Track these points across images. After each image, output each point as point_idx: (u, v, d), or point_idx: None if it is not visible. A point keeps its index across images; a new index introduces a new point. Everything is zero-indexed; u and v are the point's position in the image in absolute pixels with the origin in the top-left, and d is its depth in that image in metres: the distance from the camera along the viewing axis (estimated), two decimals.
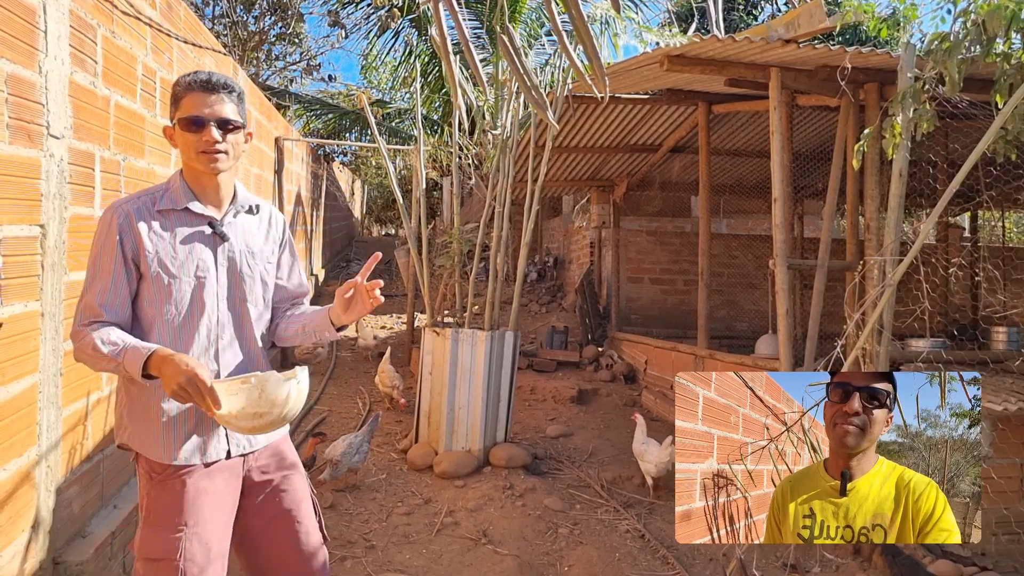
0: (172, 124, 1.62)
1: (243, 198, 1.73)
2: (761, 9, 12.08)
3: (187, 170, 1.66)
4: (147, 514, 1.58)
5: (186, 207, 1.62)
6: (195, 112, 1.57)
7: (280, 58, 10.79)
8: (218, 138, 1.58)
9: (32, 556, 2.06)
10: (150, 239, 1.57)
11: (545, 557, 3.16)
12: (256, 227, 1.75)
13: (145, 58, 2.83)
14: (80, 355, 1.54)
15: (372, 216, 20.66)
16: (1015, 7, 2.32)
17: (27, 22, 1.97)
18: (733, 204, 8.17)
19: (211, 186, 1.65)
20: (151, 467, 1.59)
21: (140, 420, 1.60)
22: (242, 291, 1.69)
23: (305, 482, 1.81)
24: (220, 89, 1.59)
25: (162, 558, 1.52)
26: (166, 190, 1.65)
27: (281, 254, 1.81)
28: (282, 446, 1.79)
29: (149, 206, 1.61)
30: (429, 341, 4.31)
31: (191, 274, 1.60)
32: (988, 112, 2.77)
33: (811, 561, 3.10)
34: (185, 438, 1.59)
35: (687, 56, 3.86)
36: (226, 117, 1.59)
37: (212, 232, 1.65)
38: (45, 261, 2.08)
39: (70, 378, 2.29)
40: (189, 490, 1.57)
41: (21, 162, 1.95)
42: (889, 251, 2.99)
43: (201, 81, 1.59)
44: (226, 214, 1.69)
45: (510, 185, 4.33)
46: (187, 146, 1.59)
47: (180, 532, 1.53)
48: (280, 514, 1.71)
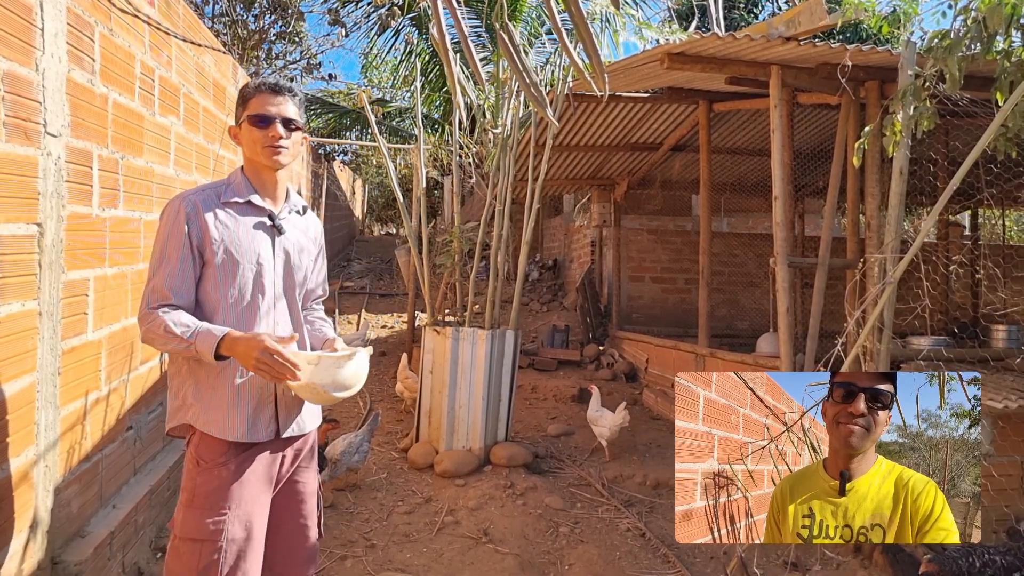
0: (238, 123, 1.78)
1: (295, 200, 1.90)
2: (762, 7, 12.05)
3: (249, 165, 1.81)
4: (192, 497, 1.67)
5: (248, 200, 1.77)
6: (263, 111, 1.73)
7: (280, 57, 10.77)
8: (283, 134, 1.74)
9: (30, 556, 2.05)
10: (216, 227, 1.70)
11: (546, 556, 3.15)
12: (303, 227, 1.91)
13: (143, 56, 2.82)
14: (149, 335, 1.64)
15: (373, 215, 20.65)
16: (1015, 2, 2.31)
17: (24, 19, 1.96)
18: (734, 202, 8.16)
19: (270, 181, 1.81)
20: (200, 454, 1.69)
21: (207, 399, 1.70)
22: (293, 281, 1.84)
23: (316, 477, 1.94)
24: (285, 92, 1.78)
25: (205, 539, 1.62)
26: (228, 184, 1.78)
27: (317, 256, 1.96)
28: (312, 437, 1.91)
29: (214, 198, 1.74)
30: (430, 340, 4.31)
31: (253, 260, 1.74)
32: (989, 110, 2.76)
33: (812, 559, 3.10)
34: (248, 416, 1.71)
35: (687, 54, 3.85)
36: (290, 117, 1.76)
37: (271, 224, 1.79)
38: (43, 260, 2.08)
39: (68, 377, 2.28)
40: (234, 475, 1.68)
41: (18, 160, 1.94)
42: (890, 249, 2.98)
43: (269, 84, 1.78)
44: (282, 210, 1.84)
45: (511, 184, 4.32)
46: (253, 142, 1.75)
47: (224, 514, 1.64)
48: (289, 504, 1.84)
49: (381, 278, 11.24)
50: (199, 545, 1.62)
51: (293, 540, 1.84)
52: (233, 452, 1.69)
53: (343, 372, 1.66)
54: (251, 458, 1.71)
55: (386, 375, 6.32)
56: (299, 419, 1.82)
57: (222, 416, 1.68)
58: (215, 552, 1.61)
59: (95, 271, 2.45)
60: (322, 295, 2.04)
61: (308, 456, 1.89)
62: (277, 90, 1.76)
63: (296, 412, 1.81)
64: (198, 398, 1.70)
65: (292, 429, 1.79)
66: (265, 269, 1.76)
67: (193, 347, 1.59)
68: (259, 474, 1.72)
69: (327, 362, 1.64)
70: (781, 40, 3.41)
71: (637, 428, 5.16)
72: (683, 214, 8.72)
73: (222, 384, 1.69)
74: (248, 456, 1.71)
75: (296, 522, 1.85)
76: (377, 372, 6.41)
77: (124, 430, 2.77)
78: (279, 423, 1.76)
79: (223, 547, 1.62)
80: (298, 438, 1.84)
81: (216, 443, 1.69)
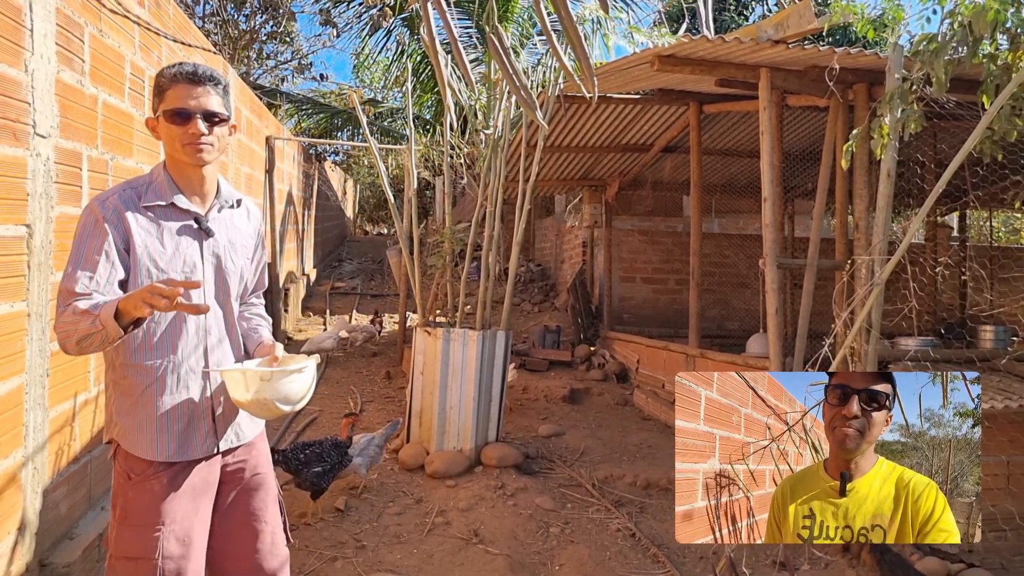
0: (156, 116, 1.60)
1: (227, 193, 1.73)
2: (752, 9, 12.12)
3: (171, 162, 1.64)
4: (124, 514, 1.58)
5: (172, 202, 1.60)
6: (181, 104, 1.55)
7: (271, 57, 10.74)
8: (204, 130, 1.56)
9: (18, 558, 2.04)
10: (138, 234, 1.55)
11: (536, 556, 3.16)
12: (237, 223, 1.75)
13: (133, 57, 2.81)
14: (61, 333, 1.46)
15: (364, 215, 20.61)
16: (999, 7, 2.34)
17: (13, 20, 1.95)
18: (724, 204, 8.21)
19: (196, 178, 1.64)
20: (130, 467, 1.60)
21: (130, 416, 1.59)
22: (227, 286, 1.70)
23: (275, 483, 1.83)
24: (206, 81, 1.58)
25: (140, 556, 1.54)
26: (149, 183, 1.62)
27: (255, 250, 1.82)
28: (259, 443, 1.80)
29: (135, 199, 1.58)
30: (421, 341, 4.31)
31: (179, 270, 1.59)
32: (975, 113, 2.79)
33: (800, 559, 3.12)
34: (177, 436, 1.60)
35: (677, 56, 3.87)
36: (212, 110, 1.58)
37: (198, 228, 1.64)
38: (32, 261, 2.07)
39: (57, 379, 2.27)
40: (167, 488, 1.58)
41: (7, 161, 1.93)
42: (877, 251, 3.01)
43: (187, 73, 1.57)
44: (210, 209, 1.68)
45: (502, 185, 4.33)
46: (172, 138, 1.57)
47: (158, 531, 1.55)
48: (247, 516, 1.74)
49: (372, 278, 11.22)
50: (134, 563, 1.54)
51: (263, 554, 1.75)
52: (164, 466, 1.59)
53: (294, 386, 1.61)
54: (185, 471, 1.62)
55: (377, 376, 6.31)
56: (237, 429, 1.72)
57: (148, 437, 1.58)
58: (151, 571, 1.53)
59: None
60: (260, 289, 1.91)
61: (263, 461, 1.79)
62: (196, 79, 1.57)
63: (233, 421, 1.71)
64: (122, 414, 1.60)
65: (230, 440, 1.70)
66: (194, 278, 1.61)
67: (98, 321, 1.40)
68: (194, 484, 1.63)
69: (279, 376, 1.58)
70: (770, 43, 3.44)
71: (628, 428, 5.18)
72: (674, 215, 8.76)
73: (145, 404, 1.58)
74: (181, 469, 1.61)
75: (263, 535, 1.75)
76: (368, 372, 6.40)
77: None
78: (217, 436, 1.67)
79: (159, 564, 1.54)
80: (241, 448, 1.74)
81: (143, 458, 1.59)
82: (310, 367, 1.65)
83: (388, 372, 6.31)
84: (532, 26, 10.17)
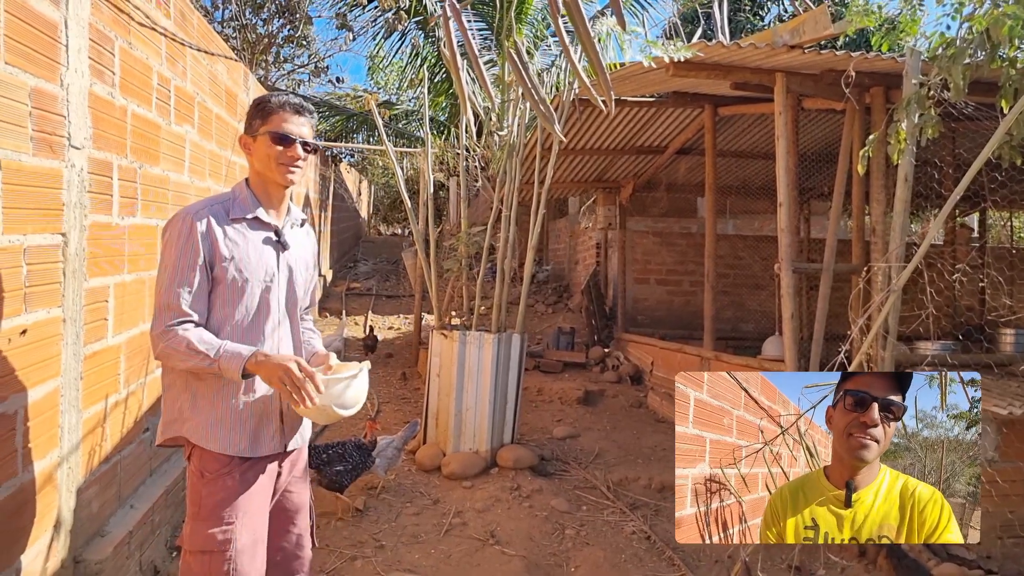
0: (252, 135, 1.77)
1: (295, 213, 1.90)
2: (768, 9, 12.05)
3: (256, 178, 1.80)
4: (198, 510, 1.68)
5: (255, 216, 1.76)
6: (285, 129, 1.74)
7: (288, 60, 10.85)
8: (302, 155, 1.76)
9: (54, 555, 2.12)
10: (226, 245, 1.69)
11: (552, 558, 3.20)
12: (303, 241, 1.92)
13: (160, 67, 2.89)
14: (168, 352, 1.61)
15: (379, 216, 20.73)
16: (1013, 23, 2.33)
17: (50, 37, 2.02)
18: (739, 205, 8.18)
19: (277, 196, 1.81)
20: (204, 466, 1.69)
21: (206, 413, 1.69)
22: (294, 297, 1.85)
23: (308, 488, 1.95)
24: (306, 113, 1.79)
25: (214, 550, 1.63)
26: (234, 199, 1.77)
27: (313, 268, 1.97)
28: (304, 449, 1.93)
29: (223, 213, 1.73)
30: (437, 343, 4.36)
31: (261, 278, 1.74)
32: (994, 115, 2.78)
33: (816, 563, 3.13)
34: (250, 433, 1.72)
35: (692, 61, 3.88)
36: (309, 140, 1.79)
37: (277, 240, 1.80)
38: (67, 268, 2.14)
39: (90, 381, 2.34)
40: (239, 486, 1.69)
41: (44, 173, 2.01)
42: (894, 257, 3.01)
43: (293, 104, 1.78)
44: (285, 225, 1.84)
45: (516, 188, 4.37)
46: (269, 157, 1.74)
47: (231, 526, 1.65)
48: (281, 514, 1.85)
49: (387, 279, 11.30)
50: (208, 557, 1.63)
51: (288, 554, 1.86)
52: (237, 463, 1.70)
53: (349, 392, 1.70)
54: (254, 468, 1.73)
55: (392, 377, 6.37)
56: (301, 432, 1.86)
57: (224, 432, 1.69)
58: (225, 563, 1.62)
59: (115, 278, 2.51)
60: (312, 304, 2.05)
61: (303, 467, 1.93)
62: (300, 110, 1.78)
63: (299, 425, 1.85)
64: (195, 412, 1.70)
65: (296, 441, 1.83)
66: (273, 287, 1.76)
67: (216, 364, 1.58)
68: (263, 484, 1.75)
69: (333, 383, 1.67)
70: (786, 48, 3.45)
71: (642, 431, 5.20)
72: (688, 216, 8.75)
73: (222, 400, 1.69)
74: (251, 466, 1.72)
75: (291, 535, 1.87)
76: (384, 374, 6.47)
77: (141, 432, 2.83)
78: (284, 436, 1.79)
79: (232, 557, 1.63)
80: (295, 451, 1.87)
81: (218, 455, 1.69)
82: (363, 373, 1.75)
83: (404, 373, 6.37)
84: (546, 28, 10.19)
